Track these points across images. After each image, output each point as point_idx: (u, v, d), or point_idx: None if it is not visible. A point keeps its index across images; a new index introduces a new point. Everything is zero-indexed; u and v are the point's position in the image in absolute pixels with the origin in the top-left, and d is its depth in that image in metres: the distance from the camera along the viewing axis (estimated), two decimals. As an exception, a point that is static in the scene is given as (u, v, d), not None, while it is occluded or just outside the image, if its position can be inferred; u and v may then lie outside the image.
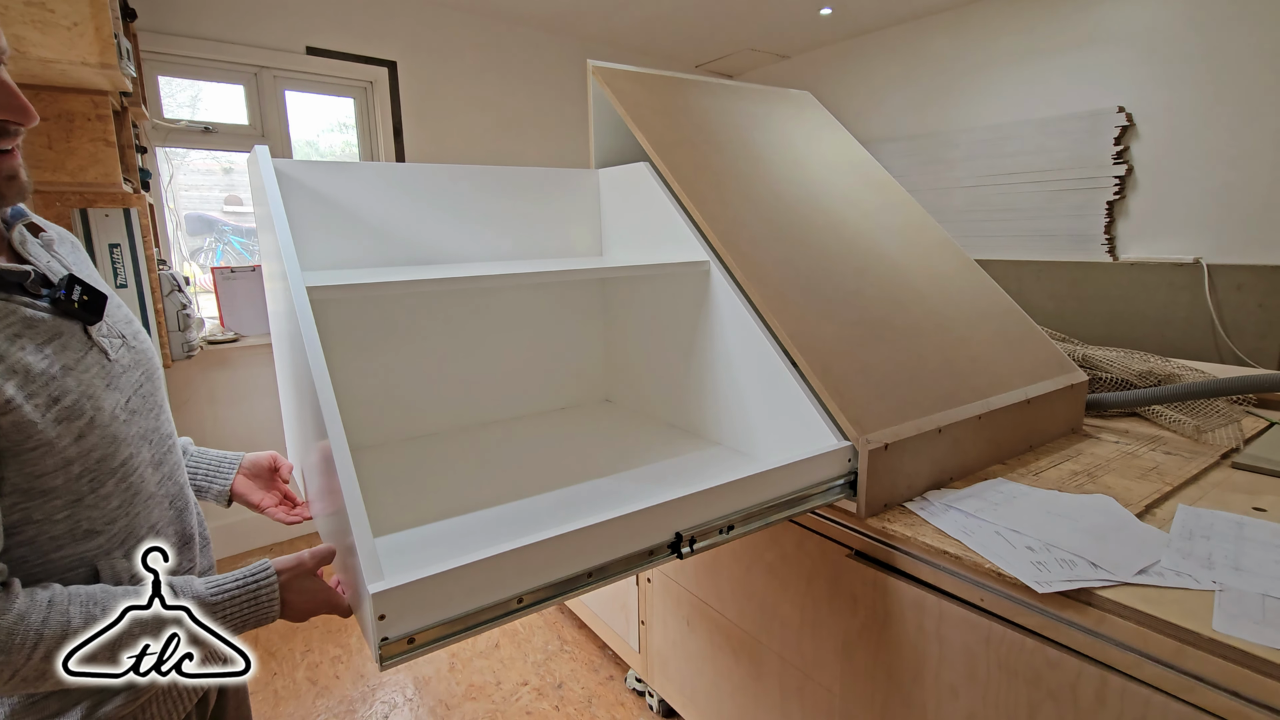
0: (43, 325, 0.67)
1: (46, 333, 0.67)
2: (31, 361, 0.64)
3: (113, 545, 0.72)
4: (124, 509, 0.73)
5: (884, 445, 1.11)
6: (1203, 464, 1.30)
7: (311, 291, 0.96)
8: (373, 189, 1.36)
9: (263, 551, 2.96)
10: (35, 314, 0.67)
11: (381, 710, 1.96)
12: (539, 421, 1.61)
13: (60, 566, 0.69)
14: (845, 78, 4.08)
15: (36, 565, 0.67)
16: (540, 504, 1.13)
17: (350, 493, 0.77)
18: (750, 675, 1.43)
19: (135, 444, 0.75)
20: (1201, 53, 2.73)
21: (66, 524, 0.68)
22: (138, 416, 0.76)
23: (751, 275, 1.28)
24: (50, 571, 0.68)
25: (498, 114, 3.65)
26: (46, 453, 0.64)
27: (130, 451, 0.74)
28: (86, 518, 0.69)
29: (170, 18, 2.69)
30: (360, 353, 1.41)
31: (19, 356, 0.63)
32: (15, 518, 0.65)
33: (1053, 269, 3.22)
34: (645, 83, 1.63)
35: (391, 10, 3.23)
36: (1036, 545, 0.98)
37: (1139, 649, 0.82)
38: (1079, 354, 1.79)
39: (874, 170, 1.86)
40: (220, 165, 3.14)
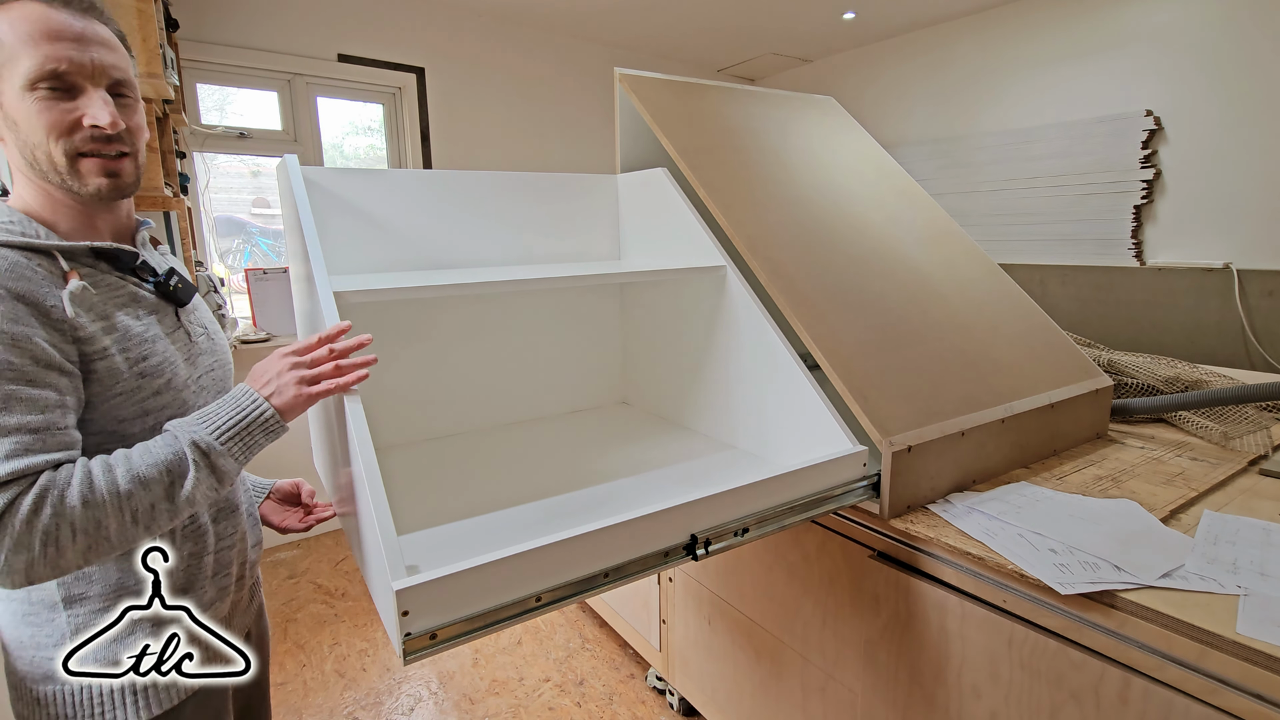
0: (146, 301, 0.84)
1: (148, 307, 0.84)
2: (130, 324, 0.79)
3: None
4: None
5: (907, 447, 1.12)
6: (1230, 470, 1.29)
7: (339, 296, 0.99)
8: (395, 195, 1.39)
9: (274, 550, 3.03)
10: (141, 292, 0.84)
11: (407, 703, 2.00)
12: (557, 423, 1.64)
13: None
14: (869, 81, 4.08)
15: None
16: (558, 504, 1.15)
17: (374, 491, 0.79)
18: (771, 675, 1.45)
19: None
20: (1230, 55, 2.70)
21: None
22: (205, 393, 0.90)
23: (776, 278, 1.30)
24: None
25: (524, 119, 3.71)
26: (127, 400, 0.78)
27: None
28: None
29: (209, 27, 2.78)
30: (383, 354, 1.44)
31: (121, 319, 0.79)
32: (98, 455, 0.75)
33: (1078, 273, 3.19)
34: (670, 89, 1.66)
35: (420, 18, 3.29)
36: (1059, 548, 0.99)
37: (1162, 651, 0.82)
38: (1104, 359, 1.78)
39: (897, 174, 1.87)
40: (249, 169, 3.22)
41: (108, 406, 0.76)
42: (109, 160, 0.77)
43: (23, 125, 0.73)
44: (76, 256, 0.78)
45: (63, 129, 0.73)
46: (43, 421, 0.69)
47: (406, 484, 1.27)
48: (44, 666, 0.79)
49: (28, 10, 0.72)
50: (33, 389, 0.69)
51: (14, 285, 0.69)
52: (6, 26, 0.71)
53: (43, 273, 0.73)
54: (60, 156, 0.74)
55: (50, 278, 0.73)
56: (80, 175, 0.76)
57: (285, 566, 2.87)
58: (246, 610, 1.02)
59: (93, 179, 0.76)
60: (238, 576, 0.96)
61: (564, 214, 1.62)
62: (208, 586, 0.89)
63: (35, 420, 0.68)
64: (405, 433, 1.50)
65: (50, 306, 0.71)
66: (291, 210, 1.17)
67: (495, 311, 1.58)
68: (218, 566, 0.91)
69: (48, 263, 0.74)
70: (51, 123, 0.73)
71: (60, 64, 0.72)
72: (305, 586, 2.71)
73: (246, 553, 0.98)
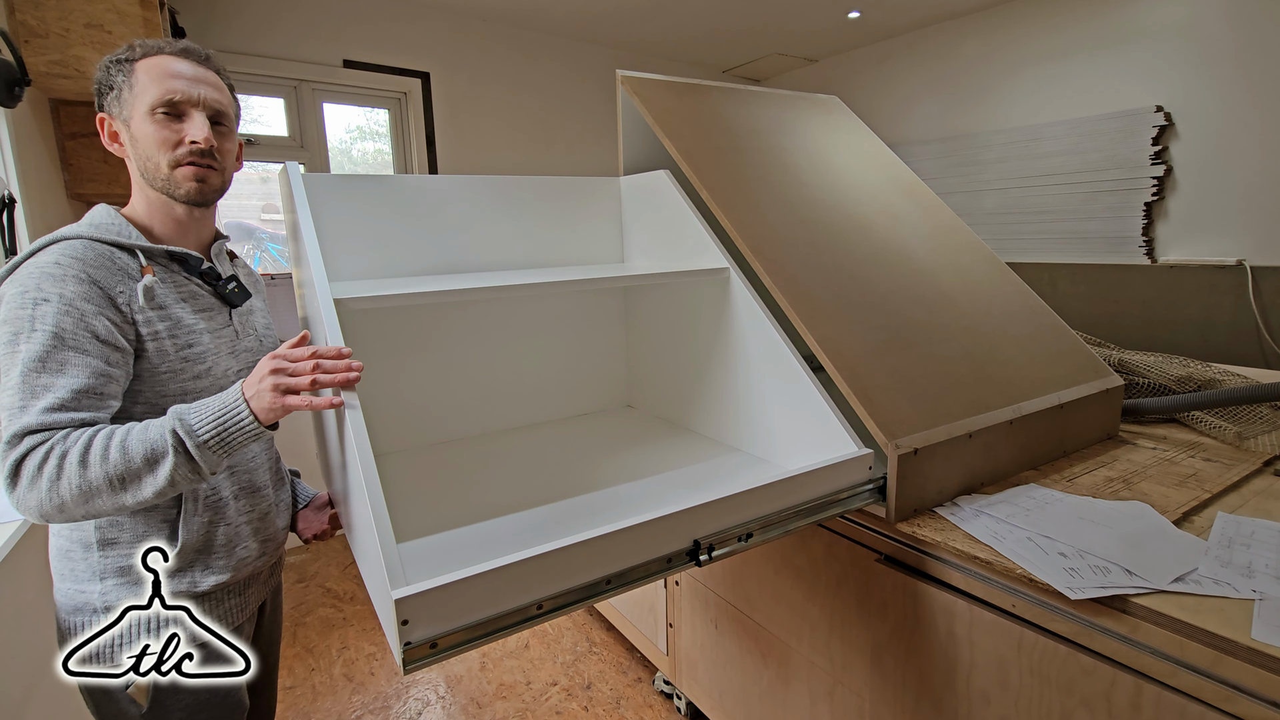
0: (202, 299, 1.00)
1: (203, 305, 0.99)
2: (183, 316, 0.95)
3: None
4: None
5: (914, 450, 1.11)
6: (1244, 471, 1.27)
7: (340, 304, 0.99)
8: (398, 200, 1.39)
9: (290, 554, 3.04)
10: (199, 290, 1.00)
11: (415, 707, 2.00)
12: (561, 427, 1.63)
13: None
14: (874, 81, 4.06)
15: None
16: (561, 510, 1.15)
17: (374, 499, 0.78)
18: (778, 679, 1.44)
19: None
20: (1242, 49, 2.66)
21: None
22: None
23: (780, 280, 1.29)
24: None
25: (529, 122, 3.71)
26: (171, 379, 0.93)
27: None
28: None
29: (215, 34, 2.80)
30: (385, 359, 1.44)
31: (177, 311, 0.95)
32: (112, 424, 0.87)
33: (1088, 272, 3.16)
34: (673, 90, 1.65)
35: (425, 23, 3.30)
36: (1069, 551, 0.97)
37: (1175, 657, 0.81)
38: (1115, 358, 1.76)
39: (903, 174, 1.86)
40: (258, 175, 3.24)
41: (154, 381, 0.91)
42: (200, 169, 0.95)
43: (142, 141, 0.93)
44: (154, 256, 0.95)
45: (170, 144, 0.93)
46: (86, 385, 0.82)
47: (409, 490, 1.26)
48: (75, 599, 0.93)
49: (161, 60, 0.94)
50: (85, 357, 0.83)
51: (93, 272, 0.86)
52: (144, 71, 0.93)
53: (121, 264, 0.90)
54: (165, 166, 0.93)
55: (127, 270, 0.91)
56: (176, 181, 0.94)
57: (294, 570, 2.88)
58: (266, 583, 1.13)
59: (185, 183, 0.94)
60: (259, 554, 1.06)
61: (567, 217, 1.61)
62: (220, 553, 0.99)
63: (80, 383, 0.82)
64: (408, 438, 1.50)
65: (118, 293, 0.88)
66: (293, 216, 1.18)
67: (498, 316, 1.57)
68: (236, 537, 1.01)
69: (129, 258, 0.92)
70: (163, 139, 0.93)
71: (175, 95, 0.92)
72: (314, 590, 2.72)
73: (269, 531, 1.09)
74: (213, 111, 0.96)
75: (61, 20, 1.64)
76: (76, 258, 0.86)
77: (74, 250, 0.87)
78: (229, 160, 1.00)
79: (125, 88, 0.93)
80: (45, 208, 1.67)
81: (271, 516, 1.10)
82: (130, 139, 0.94)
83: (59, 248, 0.87)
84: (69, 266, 0.85)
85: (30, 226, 1.55)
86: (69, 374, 0.82)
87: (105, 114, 0.96)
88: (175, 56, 0.95)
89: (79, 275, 0.85)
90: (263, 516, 1.07)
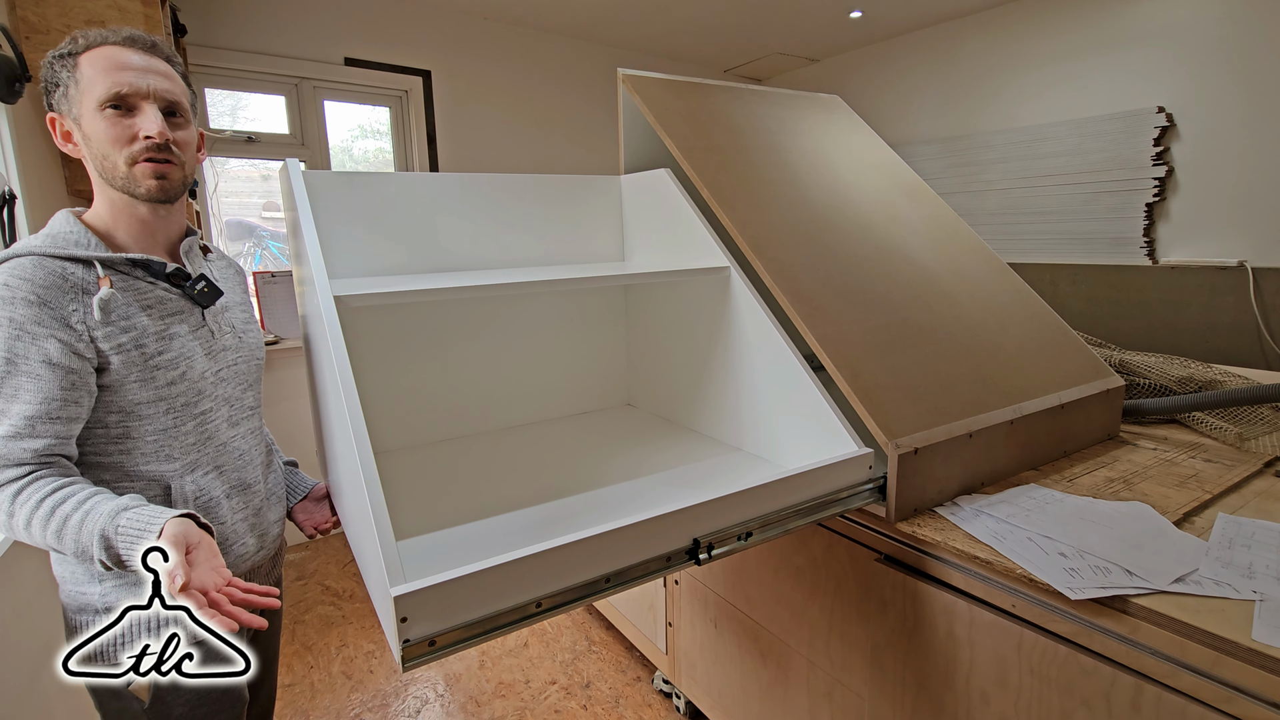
0: (171, 303, 0.96)
1: (172, 309, 0.96)
2: (148, 324, 0.92)
3: (184, 471, 0.96)
4: (197, 446, 0.97)
5: (914, 450, 1.11)
6: (1245, 472, 1.27)
7: (339, 300, 0.98)
8: (398, 198, 1.39)
9: (292, 550, 3.04)
10: (167, 294, 0.96)
11: (414, 705, 2.00)
12: (561, 426, 1.63)
13: (145, 477, 0.93)
14: (876, 80, 4.05)
15: (130, 470, 0.92)
16: (560, 508, 1.15)
17: (373, 496, 0.78)
18: (778, 679, 1.44)
19: (216, 402, 1.00)
20: (1243, 50, 2.66)
21: (154, 445, 0.93)
22: (225, 384, 1.02)
23: (780, 279, 1.29)
24: (137, 479, 0.92)
25: (530, 121, 3.71)
26: (144, 386, 0.91)
27: (210, 406, 0.99)
28: (168, 445, 0.94)
29: (216, 32, 2.80)
30: (385, 357, 1.44)
31: (140, 319, 0.91)
32: (118, 431, 0.91)
33: (1089, 272, 3.16)
34: (674, 89, 1.65)
35: (426, 21, 3.30)
36: (1070, 551, 0.97)
37: (1175, 658, 0.81)
38: (1116, 359, 1.76)
39: (904, 174, 1.85)
40: (260, 172, 3.24)
41: (125, 390, 0.90)
42: (158, 164, 0.90)
43: (94, 139, 0.89)
44: (114, 265, 0.91)
45: (123, 140, 0.89)
46: (40, 411, 0.83)
47: (408, 488, 1.26)
48: (78, 599, 0.93)
49: (105, 51, 0.89)
50: (38, 382, 0.83)
51: (43, 293, 0.84)
52: (88, 64, 0.88)
53: (75, 280, 0.87)
54: (121, 164, 0.89)
55: (82, 286, 0.87)
56: (136, 179, 0.90)
57: (294, 568, 2.88)
58: (267, 576, 1.14)
59: (145, 181, 0.90)
60: (257, 549, 1.07)
61: (568, 215, 1.61)
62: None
63: (33, 410, 0.82)
64: (408, 436, 1.50)
65: (70, 311, 0.85)
66: (293, 214, 1.17)
67: (498, 314, 1.57)
68: (231, 536, 1.02)
69: (85, 271, 0.88)
70: (115, 135, 0.88)
71: (123, 87, 0.88)
72: (313, 588, 2.72)
73: (264, 525, 1.09)
74: (165, 103, 0.91)
75: (62, 16, 1.63)
76: (25, 279, 0.83)
77: (22, 270, 0.84)
78: (189, 153, 0.95)
79: (71, 84, 0.88)
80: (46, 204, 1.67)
81: (265, 510, 1.10)
82: (83, 138, 0.90)
83: (7, 268, 0.84)
84: (17, 289, 0.82)
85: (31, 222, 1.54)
86: (21, 400, 0.81)
87: (55, 113, 0.91)
88: (120, 46, 0.89)
89: (27, 298, 0.82)
90: (256, 512, 1.07)
